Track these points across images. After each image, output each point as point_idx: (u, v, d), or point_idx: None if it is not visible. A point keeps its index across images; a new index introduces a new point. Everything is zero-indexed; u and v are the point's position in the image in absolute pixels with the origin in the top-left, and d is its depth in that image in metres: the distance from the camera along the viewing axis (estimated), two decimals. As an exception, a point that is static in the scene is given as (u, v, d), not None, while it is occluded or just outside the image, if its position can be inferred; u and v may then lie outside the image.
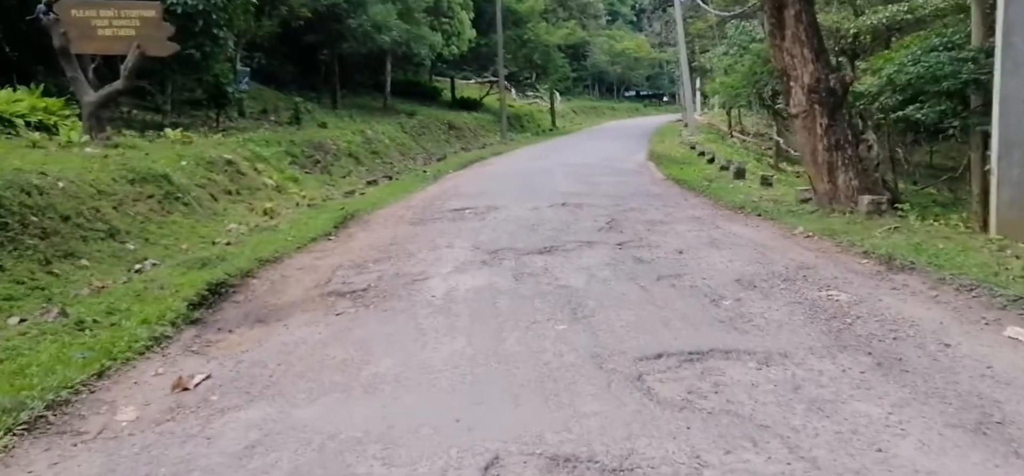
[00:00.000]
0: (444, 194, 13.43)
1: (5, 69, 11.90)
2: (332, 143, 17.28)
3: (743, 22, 25.64)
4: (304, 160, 15.40)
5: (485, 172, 17.95)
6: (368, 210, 11.39)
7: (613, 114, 61.28)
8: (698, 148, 23.14)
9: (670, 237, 8.57)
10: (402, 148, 21.77)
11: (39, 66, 12.24)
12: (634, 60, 68.35)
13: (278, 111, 19.82)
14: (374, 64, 28.85)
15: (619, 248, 7.95)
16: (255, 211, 10.35)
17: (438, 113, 29.44)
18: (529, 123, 38.83)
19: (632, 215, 10.34)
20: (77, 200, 7.43)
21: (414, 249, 8.20)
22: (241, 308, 6.19)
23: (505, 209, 11.07)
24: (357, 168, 17.27)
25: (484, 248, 8.10)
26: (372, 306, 5.96)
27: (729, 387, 3.75)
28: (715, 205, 11.30)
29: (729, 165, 16.50)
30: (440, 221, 10.25)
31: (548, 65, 37.89)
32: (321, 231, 9.35)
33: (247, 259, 7.35)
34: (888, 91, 11.20)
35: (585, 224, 9.60)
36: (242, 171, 11.32)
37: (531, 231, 9.14)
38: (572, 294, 5.90)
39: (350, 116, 22.54)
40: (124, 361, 4.72)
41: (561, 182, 14.61)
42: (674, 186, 14.23)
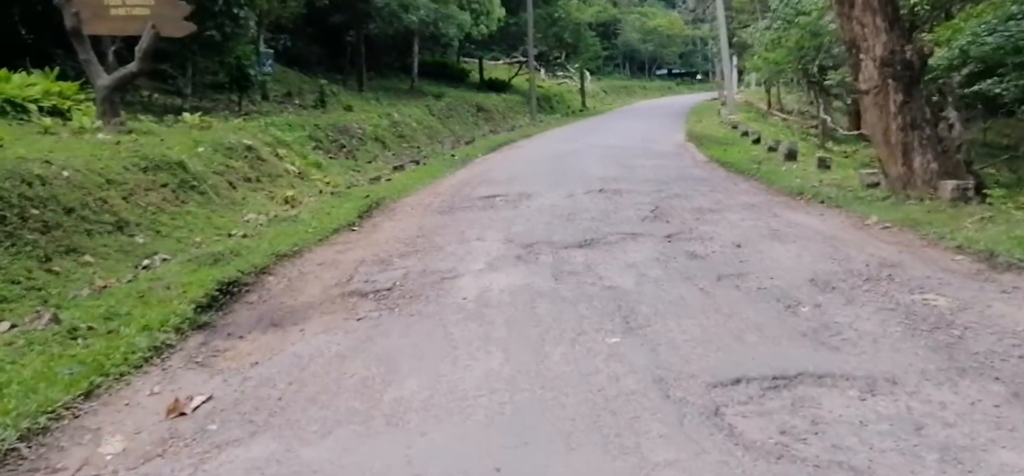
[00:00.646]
0: (473, 180, 12.81)
1: (21, 52, 11.50)
2: (358, 127, 16.73)
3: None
4: (328, 145, 14.88)
5: (515, 156, 17.29)
6: (394, 197, 10.81)
7: (645, 93, 60.06)
8: (741, 127, 22.19)
9: (724, 228, 7.84)
10: (429, 131, 21.17)
11: (58, 49, 11.81)
12: (666, 38, 66.99)
13: (303, 94, 19.32)
14: (401, 45, 28.25)
15: (668, 241, 7.26)
16: (275, 200, 9.83)
17: (466, 95, 28.77)
18: (559, 104, 37.98)
19: (677, 202, 9.62)
20: (83, 191, 6.93)
21: (442, 242, 7.59)
22: (254, 310, 5.64)
23: (538, 196, 10.41)
24: (383, 152, 16.71)
25: (518, 241, 7.46)
26: (397, 309, 5.36)
27: (831, 425, 3.08)
28: (769, 190, 10.51)
29: (777, 145, 15.62)
30: (470, 210, 9.63)
31: (579, 44, 36.93)
32: (344, 221, 8.80)
33: (263, 254, 6.81)
34: (959, 64, 10.28)
35: (627, 213, 8.90)
36: (263, 157, 10.81)
37: (568, 221, 8.48)
38: (621, 298, 5.24)
39: (376, 99, 21.97)
40: (118, 377, 4.18)
41: (596, 166, 13.89)
42: (719, 169, 13.43)
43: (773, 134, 21.38)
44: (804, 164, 13.28)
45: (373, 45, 27.07)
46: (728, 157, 14.77)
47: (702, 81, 75.84)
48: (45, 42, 11.27)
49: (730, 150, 16.31)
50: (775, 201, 9.57)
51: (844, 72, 21.45)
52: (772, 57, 22.36)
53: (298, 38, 25.09)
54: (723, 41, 29.52)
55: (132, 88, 13.42)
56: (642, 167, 13.64)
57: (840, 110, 27.43)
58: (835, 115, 26.99)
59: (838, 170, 12.29)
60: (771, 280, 5.57)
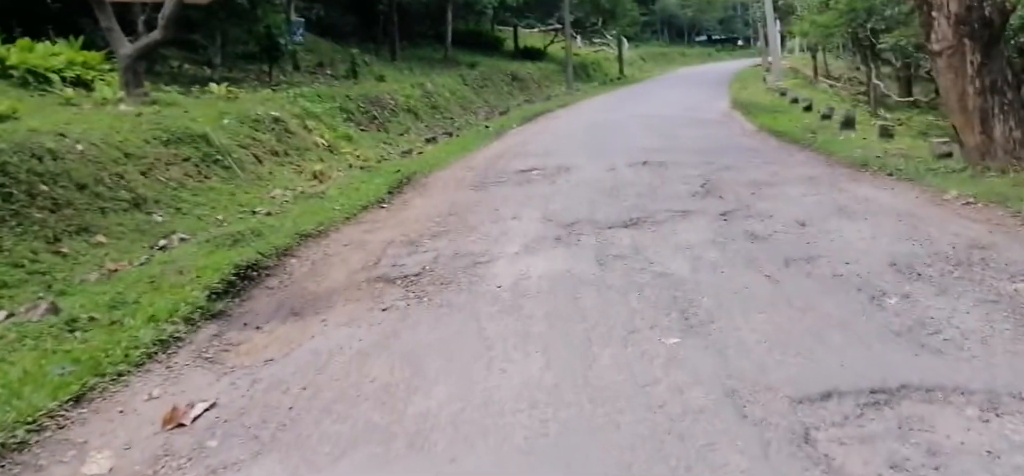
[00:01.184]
0: (508, 152, 12.23)
1: (46, 20, 11.19)
2: (389, 98, 16.23)
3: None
4: (359, 116, 14.41)
5: (552, 126, 16.64)
6: (426, 172, 10.31)
7: (684, 60, 58.42)
8: (789, 94, 21.16)
9: (783, 203, 7.18)
10: (463, 101, 20.59)
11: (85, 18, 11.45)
12: (706, 3, 65.04)
13: (334, 64, 18.86)
14: (435, 14, 27.59)
15: (723, 220, 6.62)
16: (303, 174, 9.40)
17: (501, 64, 28.06)
18: (595, 72, 37.01)
19: (729, 175, 8.94)
20: (97, 165, 6.55)
21: (475, 221, 7.07)
22: (274, 296, 5.20)
23: (577, 170, 9.81)
24: (415, 124, 16.21)
25: (557, 220, 6.90)
26: (425, 298, 4.86)
27: (953, 458, 2.49)
28: (829, 161, 9.75)
29: (831, 113, 14.72)
30: (504, 185, 9.08)
31: (616, 9, 35.78)
32: (373, 198, 8.32)
33: (287, 234, 6.37)
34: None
35: (675, 187, 8.27)
36: (291, 130, 10.37)
37: (611, 197, 7.88)
38: (676, 286, 4.66)
39: (409, 69, 21.42)
40: (115, 377, 3.76)
41: (638, 136, 13.20)
42: (771, 138, 12.65)
43: (822, 101, 20.34)
44: (863, 133, 12.42)
45: (406, 14, 26.47)
46: (779, 125, 13.94)
47: (743, 47, 73.63)
48: (72, 10, 10.91)
49: (780, 118, 15.44)
50: (837, 173, 8.83)
51: (898, 35, 20.28)
52: (822, 20, 21.20)
53: (331, 7, 24.59)
54: (768, 3, 28.24)
55: (161, 58, 13.10)
56: (687, 137, 12.91)
57: (889, 76, 26.13)
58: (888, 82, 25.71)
59: (901, 139, 11.43)
60: (846, 265, 4.93)
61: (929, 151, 8.96)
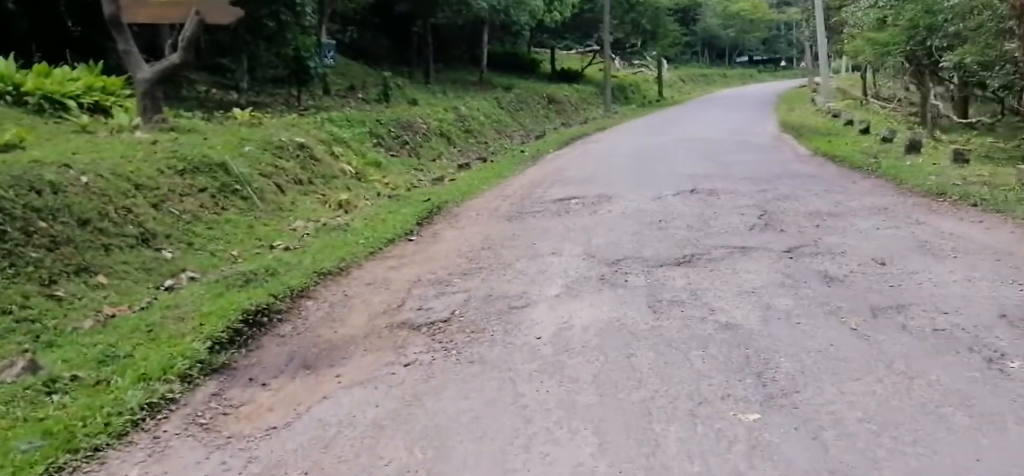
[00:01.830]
0: (545, 179, 11.69)
1: (66, 44, 11.00)
2: (422, 122, 15.85)
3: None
4: (390, 142, 14.03)
5: (590, 151, 16.08)
6: (458, 200, 9.81)
7: (725, 82, 57.51)
8: (843, 116, 20.30)
9: (855, 238, 6.50)
10: (498, 125, 20.15)
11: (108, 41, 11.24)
12: (749, 23, 64.05)
13: (366, 88, 18.59)
14: (470, 36, 27.35)
15: (789, 257, 5.97)
16: (328, 204, 8.96)
17: (537, 86, 27.63)
18: (634, 94, 36.40)
19: (788, 205, 8.27)
20: (103, 198, 6.16)
21: (511, 257, 6.51)
22: (286, 345, 4.69)
23: (620, 199, 9.21)
24: (448, 149, 15.78)
25: (601, 257, 6.30)
26: (454, 351, 4.30)
27: None
28: (899, 189, 9.01)
29: (892, 136, 13.91)
30: (541, 215, 8.53)
31: (657, 29, 35.21)
32: (401, 230, 7.82)
33: (304, 272, 5.87)
34: None
35: (729, 219, 7.62)
36: (316, 156, 9.98)
37: (659, 231, 7.27)
38: (747, 342, 4.03)
39: (443, 92, 21.10)
40: (90, 453, 3.26)
41: (684, 162, 12.56)
42: (829, 164, 11.90)
43: (876, 123, 19.45)
44: (931, 158, 11.61)
45: (441, 36, 26.27)
46: (835, 150, 13.19)
47: (785, 68, 72.46)
48: (94, 33, 10.69)
49: (835, 142, 14.67)
50: (911, 203, 8.10)
51: (962, 52, 19.33)
52: (882, 38, 20.32)
53: (365, 30, 24.51)
54: (820, 21, 27.43)
55: (187, 83, 12.90)
56: (737, 163, 12.23)
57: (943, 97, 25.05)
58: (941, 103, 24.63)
59: (978, 165, 10.60)
60: (946, 316, 4.25)
61: (1017, 179, 8.18)
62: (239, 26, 10.25)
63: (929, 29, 20.18)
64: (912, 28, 19.04)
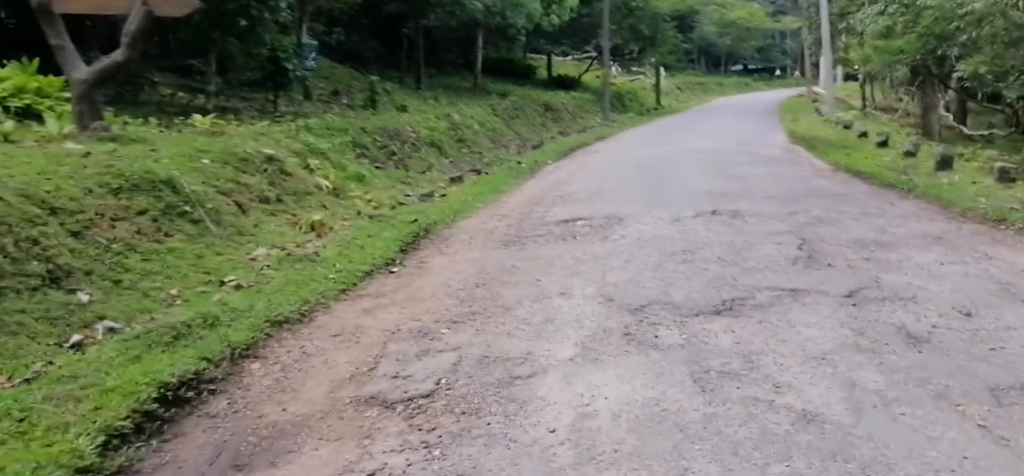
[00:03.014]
0: (545, 195, 10.57)
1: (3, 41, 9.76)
2: (411, 130, 14.69)
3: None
4: (375, 152, 12.87)
5: (593, 162, 14.96)
6: (448, 221, 8.67)
7: (721, 90, 56.49)
8: (855, 127, 19.27)
9: (919, 277, 5.42)
10: (493, 134, 19.01)
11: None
12: (745, 31, 63.19)
13: (352, 93, 17.43)
14: (464, 40, 26.22)
15: (852, 304, 4.87)
16: (298, 226, 7.80)
17: (533, 93, 26.48)
18: (632, 102, 35.30)
19: (827, 232, 7.17)
20: (2, 227, 4.97)
21: (511, 298, 5.37)
22: (214, 432, 3.56)
23: (633, 221, 8.10)
24: (439, 160, 14.62)
25: (620, 300, 5.18)
26: (437, 450, 3.18)
27: None
28: (947, 214, 7.93)
29: (916, 149, 12.87)
30: (544, 241, 7.40)
31: (656, 36, 34.13)
32: (381, 259, 6.68)
33: (253, 322, 4.72)
34: None
35: (765, 249, 6.51)
36: (287, 170, 8.81)
37: (685, 264, 6.15)
38: (842, 447, 2.91)
39: (435, 98, 19.93)
40: None
41: (696, 177, 11.46)
42: (855, 181, 10.81)
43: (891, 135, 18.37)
44: (968, 175, 10.56)
45: (434, 39, 25.15)
46: (857, 164, 12.12)
47: (780, 77, 71.72)
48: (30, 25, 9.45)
49: (854, 155, 13.61)
50: (968, 231, 7.01)
51: (978, 61, 18.35)
52: (896, 45, 19.32)
53: (353, 32, 23.33)
54: (825, 29, 26.46)
55: (149, 85, 11.72)
56: (755, 177, 11.13)
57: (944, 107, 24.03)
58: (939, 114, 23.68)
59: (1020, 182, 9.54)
60: (1100, 406, 3.14)
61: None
62: (205, 21, 9.09)
63: (940, 37, 19.24)
64: (927, 35, 18.08)
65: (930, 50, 20.10)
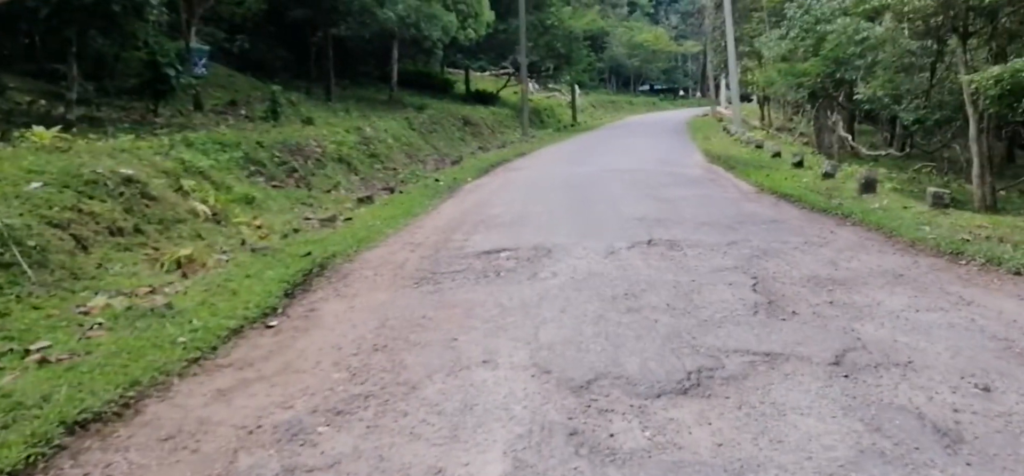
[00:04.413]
0: (465, 219, 9.23)
1: None
2: (316, 145, 13.04)
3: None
4: (273, 169, 11.19)
5: (515, 181, 13.71)
6: (350, 253, 7.21)
7: (632, 109, 56.73)
8: (768, 147, 18.78)
9: (904, 332, 4.42)
10: (409, 149, 17.50)
11: None
12: (652, 53, 63.91)
13: (252, 103, 15.58)
14: (380, 52, 24.55)
15: (844, 376, 3.75)
16: (160, 264, 6.17)
17: (451, 107, 25.10)
18: (549, 118, 34.45)
19: (776, 268, 6.13)
20: None
21: (418, 370, 4.00)
22: None
23: (564, 253, 6.87)
24: (348, 178, 13.02)
25: (560, 373, 3.90)
26: None
27: None
28: (894, 244, 7.04)
29: (834, 171, 12.24)
30: (463, 278, 6.07)
31: (571, 54, 33.39)
32: (257, 309, 5.18)
33: (38, 427, 3.17)
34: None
35: (717, 292, 5.38)
36: (152, 194, 7.12)
37: (630, 312, 4.93)
38: None
39: (346, 110, 18.25)
40: None
41: (625, 200, 10.36)
42: (784, 205, 9.93)
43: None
44: (890, 198, 9.89)
45: (347, 50, 23.40)
46: (780, 186, 11.32)
47: (684, 97, 73.07)
48: None
49: (774, 176, 12.87)
50: (928, 266, 6.08)
51: (876, 84, 18.21)
52: (804, 67, 19.01)
53: (259, 39, 21.31)
54: (731, 51, 26.25)
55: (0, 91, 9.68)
56: (683, 201, 10.12)
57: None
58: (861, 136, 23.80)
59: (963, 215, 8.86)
60: None
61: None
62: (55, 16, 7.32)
63: (837, 62, 19.09)
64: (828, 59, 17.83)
65: (829, 73, 20.01)
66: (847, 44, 17.97)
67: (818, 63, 18.44)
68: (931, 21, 13.41)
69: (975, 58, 12.30)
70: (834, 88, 21.12)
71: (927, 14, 13.08)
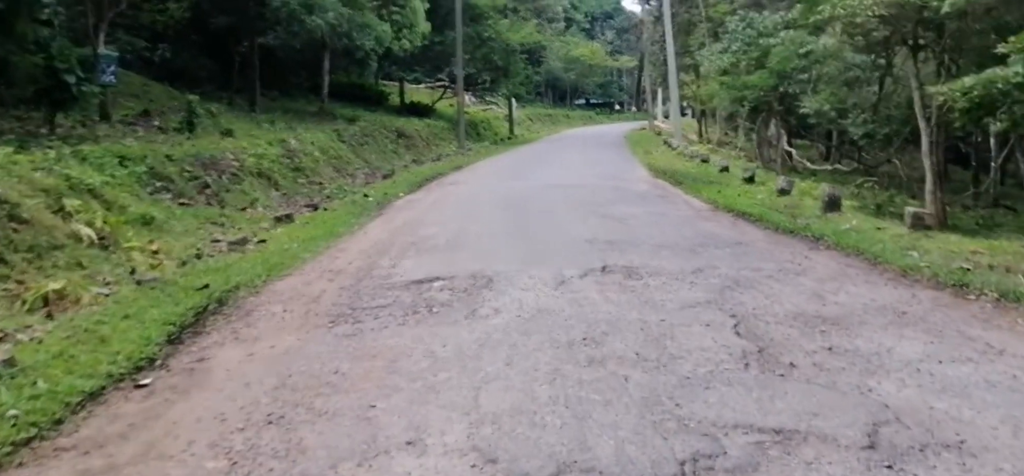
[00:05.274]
0: (395, 240, 8.18)
1: None
2: (233, 158, 11.74)
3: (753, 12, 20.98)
4: (182, 185, 9.88)
5: (451, 196, 12.70)
6: (259, 282, 6.09)
7: (569, 122, 56.46)
8: (715, 161, 18.30)
9: (936, 394, 3.60)
10: (337, 162, 16.26)
11: None
12: (588, 67, 63.96)
13: (167, 114, 14.11)
14: (312, 62, 23.17)
15: (885, 465, 2.88)
16: (22, 301, 4.94)
17: (385, 119, 23.89)
18: (486, 131, 33.59)
19: (754, 302, 5.32)
20: None
21: (321, 457, 2.99)
22: None
23: (507, 283, 5.92)
24: (268, 194, 11.76)
25: (507, 465, 2.95)
26: None
27: None
28: (883, 273, 6.29)
29: (790, 187, 11.69)
30: (389, 316, 5.05)
31: (509, 67, 32.60)
32: (127, 362, 4.06)
33: None
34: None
35: (694, 336, 4.51)
36: (22, 216, 5.85)
37: (592, 366, 4.01)
38: None
39: (271, 122, 16.89)
40: None
41: (571, 218, 9.50)
42: (744, 224, 9.22)
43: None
44: (861, 218, 9.34)
45: (277, 60, 21.93)
46: (735, 203, 10.66)
47: (619, 111, 73.57)
48: None
49: (725, 191, 12.27)
50: (930, 301, 5.35)
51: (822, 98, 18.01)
52: (744, 81, 18.66)
53: (182, 48, 19.69)
54: (672, 66, 25.92)
55: None
56: (635, 219, 9.33)
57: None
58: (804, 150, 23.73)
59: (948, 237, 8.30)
60: None
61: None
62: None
63: (781, 75, 18.88)
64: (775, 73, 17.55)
65: (773, 87, 19.80)
66: (791, 58, 17.75)
67: (765, 76, 18.10)
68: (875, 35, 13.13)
69: (922, 72, 12.00)
70: (778, 102, 20.96)
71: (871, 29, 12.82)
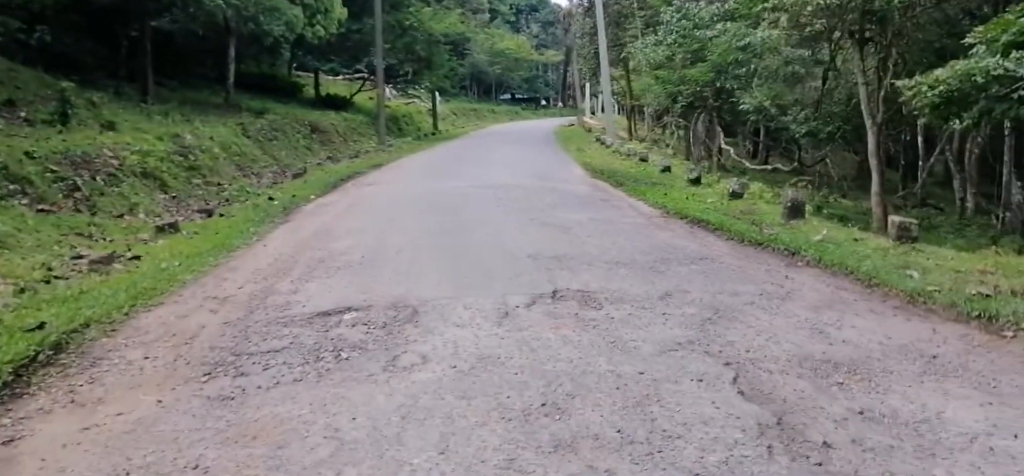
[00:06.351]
0: (299, 255, 6.86)
1: None
2: (111, 155, 10.05)
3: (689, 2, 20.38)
4: (44, 188, 8.22)
5: (368, 200, 11.35)
6: (119, 315, 4.71)
7: (495, 117, 55.39)
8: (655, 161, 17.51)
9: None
10: (240, 160, 14.58)
11: None
12: (514, 61, 63.14)
13: (36, 104, 12.17)
14: (218, 50, 21.17)
15: None
16: None
17: (298, 112, 22.12)
18: (408, 125, 32.10)
19: (745, 341, 4.34)
20: None
21: None
22: None
23: (437, 316, 4.76)
24: (153, 197, 10.12)
25: None
26: None
27: None
28: (886, 299, 5.39)
29: (743, 190, 10.94)
30: (281, 370, 3.82)
31: (432, 58, 31.20)
32: None
33: None
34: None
35: (690, 402, 3.49)
36: None
37: (559, 452, 2.96)
38: None
39: (165, 114, 15.02)
40: None
41: (509, 227, 8.38)
42: (703, 233, 8.30)
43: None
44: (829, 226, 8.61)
45: (176, 46, 19.90)
46: (686, 208, 9.79)
47: (545, 106, 73.14)
48: None
49: (672, 194, 11.42)
50: (961, 341, 4.44)
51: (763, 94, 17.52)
52: (690, 74, 17.98)
53: (65, 32, 17.43)
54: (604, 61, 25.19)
55: None
56: (579, 227, 8.29)
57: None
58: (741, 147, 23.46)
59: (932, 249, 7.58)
60: None
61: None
62: None
63: (718, 70, 18.39)
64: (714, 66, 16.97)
65: (710, 82, 19.29)
66: (729, 51, 17.19)
67: (705, 69, 17.45)
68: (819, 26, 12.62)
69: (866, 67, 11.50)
70: (714, 98, 20.48)
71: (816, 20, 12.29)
